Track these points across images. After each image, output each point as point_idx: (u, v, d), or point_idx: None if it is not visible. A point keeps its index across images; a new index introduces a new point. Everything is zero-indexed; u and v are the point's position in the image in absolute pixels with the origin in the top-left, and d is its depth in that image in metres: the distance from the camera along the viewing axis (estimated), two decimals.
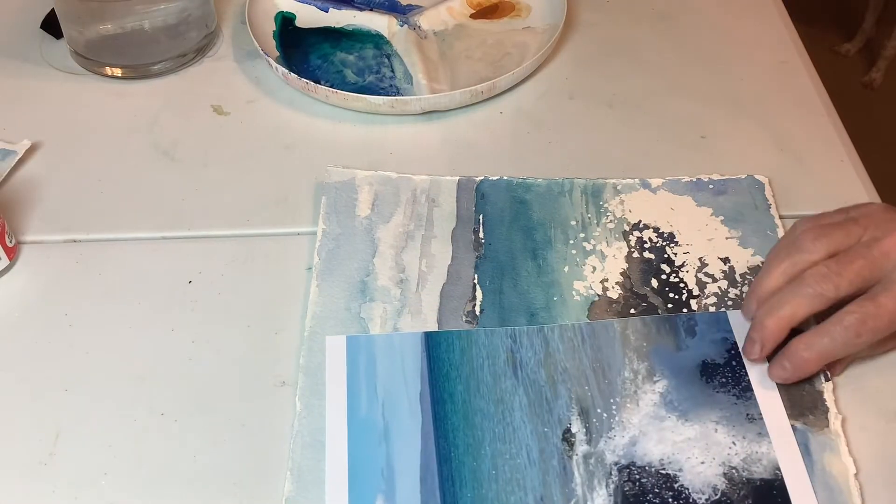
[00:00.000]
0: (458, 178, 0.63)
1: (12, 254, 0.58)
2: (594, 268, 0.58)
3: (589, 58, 0.75)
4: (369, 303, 0.55)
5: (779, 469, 0.48)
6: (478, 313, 0.55)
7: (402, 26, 0.75)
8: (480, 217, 0.61)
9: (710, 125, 0.69)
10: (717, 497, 0.47)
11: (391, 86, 0.71)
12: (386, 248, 0.58)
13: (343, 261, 0.57)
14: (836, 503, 0.47)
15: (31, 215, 0.61)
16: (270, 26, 0.75)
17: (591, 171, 0.64)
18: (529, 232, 0.60)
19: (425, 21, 0.76)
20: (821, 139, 0.68)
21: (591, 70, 0.74)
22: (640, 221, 0.60)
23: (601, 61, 0.75)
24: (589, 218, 0.61)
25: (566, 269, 0.58)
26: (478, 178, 0.63)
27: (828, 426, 0.50)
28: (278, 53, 0.73)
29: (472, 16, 0.78)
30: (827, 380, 0.51)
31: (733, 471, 0.48)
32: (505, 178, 0.63)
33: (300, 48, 0.74)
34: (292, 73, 0.68)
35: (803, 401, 0.51)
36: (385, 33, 0.75)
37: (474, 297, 0.56)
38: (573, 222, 0.60)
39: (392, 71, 0.73)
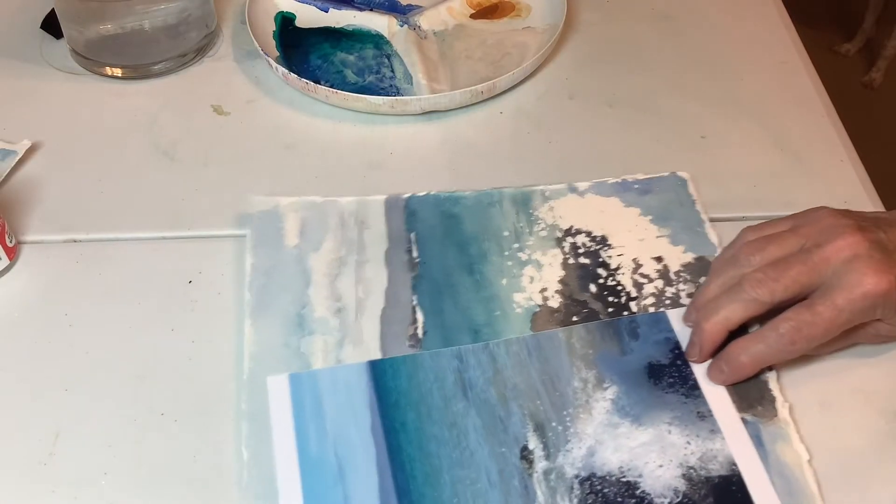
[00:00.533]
0: (384, 197, 0.61)
1: (12, 254, 0.58)
2: (532, 278, 0.57)
3: (589, 58, 0.75)
4: (308, 336, 0.53)
5: (735, 464, 0.48)
6: (420, 336, 0.54)
7: (402, 26, 0.75)
8: (412, 235, 0.59)
9: (710, 125, 0.69)
10: (679, 499, 0.46)
11: (391, 86, 0.71)
12: (320, 277, 0.56)
13: (276, 294, 0.55)
14: (792, 491, 0.47)
15: (31, 215, 0.61)
16: (270, 26, 0.75)
17: (590, 172, 0.64)
18: (463, 246, 0.58)
19: (425, 21, 0.76)
20: (820, 139, 0.68)
21: (591, 70, 0.74)
22: (571, 227, 0.60)
23: (601, 61, 0.75)
24: (521, 227, 0.59)
25: (504, 281, 0.57)
26: (405, 196, 0.61)
27: (776, 415, 0.50)
28: (278, 53, 0.73)
29: (472, 16, 0.78)
30: (770, 369, 0.51)
31: (691, 471, 0.48)
32: (432, 193, 0.62)
33: (300, 48, 0.74)
34: (292, 73, 0.68)
35: (750, 393, 0.51)
36: (385, 33, 0.75)
37: (415, 320, 0.54)
38: (506, 233, 0.59)
39: (392, 71, 0.73)
